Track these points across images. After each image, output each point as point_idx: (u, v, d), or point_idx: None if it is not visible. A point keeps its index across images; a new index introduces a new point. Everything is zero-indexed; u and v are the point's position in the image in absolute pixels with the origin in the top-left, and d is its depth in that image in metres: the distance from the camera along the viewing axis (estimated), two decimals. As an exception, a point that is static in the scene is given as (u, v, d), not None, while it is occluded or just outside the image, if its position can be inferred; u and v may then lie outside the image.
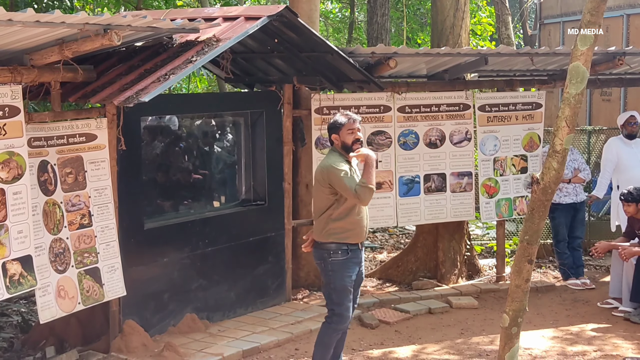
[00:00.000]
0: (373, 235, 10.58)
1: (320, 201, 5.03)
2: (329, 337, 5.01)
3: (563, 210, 8.02)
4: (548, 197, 3.89)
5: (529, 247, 3.98)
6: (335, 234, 4.95)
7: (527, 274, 4.01)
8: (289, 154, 7.09)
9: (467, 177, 7.82)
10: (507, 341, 4.08)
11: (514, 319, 4.07)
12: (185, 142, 7.20)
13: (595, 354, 6.01)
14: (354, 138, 5.01)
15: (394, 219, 7.56)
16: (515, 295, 4.05)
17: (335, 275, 4.96)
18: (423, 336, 6.45)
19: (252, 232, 6.79)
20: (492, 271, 8.58)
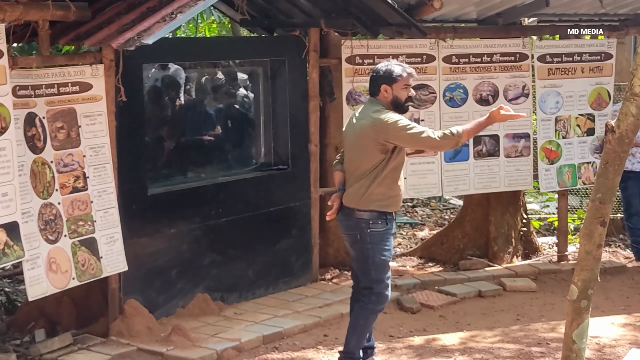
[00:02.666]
0: (412, 210, 10.50)
1: (362, 161, 4.94)
2: (365, 320, 4.96)
3: (636, 178, 7.86)
4: (625, 148, 3.80)
5: (602, 206, 3.87)
6: (378, 200, 4.90)
7: (599, 238, 3.91)
8: (316, 111, 7.00)
9: (524, 140, 7.71)
10: (575, 316, 4.00)
11: (583, 290, 4.00)
12: (195, 97, 7.13)
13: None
14: (408, 95, 4.99)
15: (438, 188, 7.49)
16: (585, 263, 3.97)
17: (374, 248, 4.92)
18: (472, 322, 6.37)
19: (273, 201, 6.74)
20: (553, 250, 8.53)
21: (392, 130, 4.83)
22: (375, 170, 4.88)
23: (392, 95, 4.94)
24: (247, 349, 5.61)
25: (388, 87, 4.94)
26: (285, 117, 6.86)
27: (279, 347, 5.69)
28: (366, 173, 4.90)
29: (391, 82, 4.94)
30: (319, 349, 5.67)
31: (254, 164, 7.00)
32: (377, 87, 4.97)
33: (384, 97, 4.95)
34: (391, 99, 4.94)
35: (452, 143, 4.88)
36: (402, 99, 4.96)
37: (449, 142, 4.86)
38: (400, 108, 4.96)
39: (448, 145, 4.91)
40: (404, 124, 4.84)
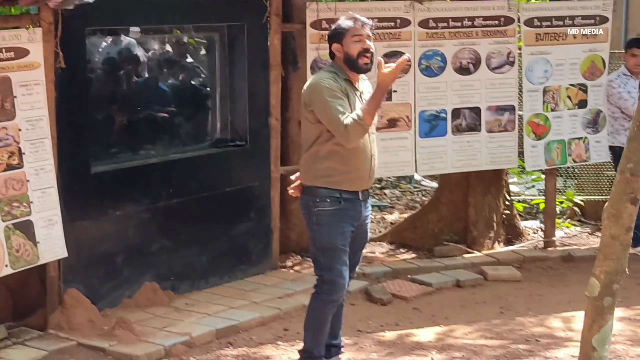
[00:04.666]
0: (380, 192, 10.62)
1: (305, 132, 4.95)
2: (320, 311, 5.00)
3: None
4: None
5: (633, 179, 3.54)
6: (325, 176, 4.85)
7: (628, 219, 3.60)
8: (277, 82, 7.09)
9: (509, 113, 7.83)
10: (596, 317, 3.71)
11: (607, 285, 3.68)
12: (147, 70, 7.21)
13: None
14: (362, 48, 4.79)
15: (411, 167, 7.59)
16: (610, 250, 3.65)
17: (321, 230, 4.89)
18: (450, 316, 6.49)
19: (229, 180, 6.84)
20: (538, 235, 8.67)
21: (315, 97, 4.78)
22: (319, 142, 4.84)
23: (343, 52, 4.82)
24: (198, 345, 5.71)
25: (338, 45, 4.85)
26: (244, 88, 6.91)
27: (234, 343, 5.79)
28: (310, 145, 4.88)
29: (339, 38, 4.83)
30: (278, 345, 5.78)
31: (209, 140, 7.08)
32: (330, 49, 4.93)
33: (338, 58, 4.88)
34: (343, 57, 4.83)
35: (359, 130, 4.68)
36: (354, 53, 4.78)
37: (356, 130, 4.67)
38: (354, 66, 4.82)
39: (355, 133, 4.68)
40: (327, 95, 4.72)
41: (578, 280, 7.33)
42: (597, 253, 3.80)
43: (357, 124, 4.68)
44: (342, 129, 4.69)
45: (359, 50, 4.82)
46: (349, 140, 4.72)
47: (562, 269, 7.72)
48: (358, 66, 4.86)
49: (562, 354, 5.66)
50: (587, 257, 7.86)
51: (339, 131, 4.71)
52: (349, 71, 4.90)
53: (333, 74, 4.87)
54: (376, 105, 4.75)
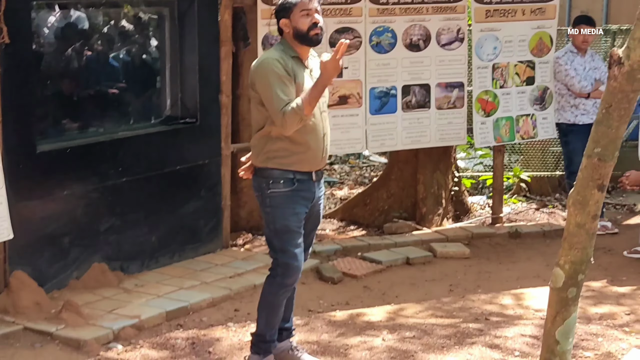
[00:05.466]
0: (330, 167, 10.50)
1: (254, 112, 4.75)
2: (274, 295, 4.80)
3: (580, 132, 7.88)
4: (636, 87, 3.26)
5: (601, 164, 3.31)
6: (277, 157, 4.65)
7: (595, 206, 3.38)
8: (228, 58, 6.90)
9: (458, 90, 7.73)
10: (560, 309, 3.49)
11: (572, 275, 3.46)
12: (96, 45, 6.96)
13: (628, 317, 5.93)
14: (311, 22, 4.60)
15: (362, 144, 7.47)
16: (575, 239, 3.42)
17: (275, 212, 4.69)
18: (400, 294, 6.38)
19: (179, 158, 6.66)
20: (485, 210, 8.60)
21: (259, 76, 4.57)
22: (269, 123, 4.62)
23: (291, 27, 4.62)
24: (147, 327, 5.52)
25: (286, 20, 4.62)
26: (194, 64, 6.73)
27: (184, 325, 5.62)
28: (260, 125, 4.68)
29: (287, 12, 4.60)
30: (229, 327, 5.61)
31: (158, 117, 6.87)
32: (278, 25, 4.69)
33: (287, 34, 4.66)
34: (292, 32, 4.63)
35: (296, 119, 4.46)
36: (304, 28, 4.56)
37: (293, 119, 4.46)
38: (305, 40, 4.60)
39: (292, 122, 4.46)
40: (272, 81, 4.51)
41: (525, 256, 7.35)
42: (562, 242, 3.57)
43: (294, 113, 4.47)
44: (280, 116, 4.49)
45: (308, 25, 4.60)
46: (285, 128, 4.52)
47: (510, 245, 7.69)
48: (309, 39, 4.63)
49: (512, 332, 5.56)
50: (534, 233, 7.92)
51: (277, 118, 4.51)
52: (298, 47, 4.67)
53: (281, 53, 4.64)
54: (317, 94, 4.53)
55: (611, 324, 5.76)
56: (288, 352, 5.00)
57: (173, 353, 5.18)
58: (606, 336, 5.52)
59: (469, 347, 5.28)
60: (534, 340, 5.39)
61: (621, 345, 5.37)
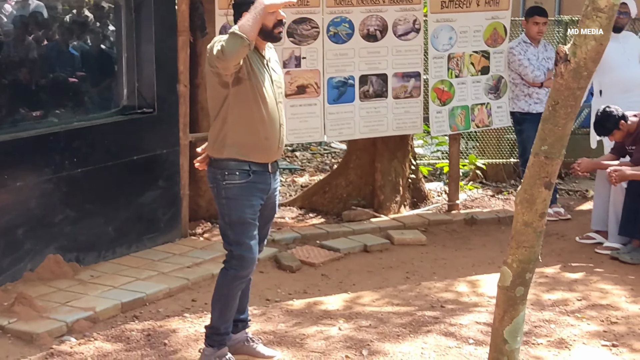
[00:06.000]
0: (292, 154, 10.33)
1: (210, 100, 4.56)
2: (229, 288, 4.62)
3: (533, 121, 7.71)
4: (582, 84, 3.17)
5: (548, 162, 3.22)
6: (233, 146, 4.47)
7: (542, 204, 3.29)
8: (185, 47, 6.71)
9: (414, 79, 7.61)
10: (507, 308, 3.39)
11: (520, 274, 3.35)
12: (52, 34, 6.73)
13: (580, 303, 5.86)
14: (276, 19, 4.44)
15: (320, 133, 7.32)
16: (523, 237, 3.31)
17: (230, 204, 4.51)
18: (358, 282, 6.24)
19: (136, 148, 6.45)
20: (442, 197, 8.50)
21: (209, 52, 4.36)
22: (223, 110, 4.46)
23: None
24: (102, 319, 5.31)
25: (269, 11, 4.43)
26: (151, 54, 6.53)
27: (140, 316, 5.41)
28: (216, 114, 4.50)
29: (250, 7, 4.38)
30: (185, 318, 5.42)
31: (115, 107, 6.65)
32: (239, 16, 4.45)
33: None
34: None
35: (236, 42, 4.15)
36: (270, 25, 4.41)
37: (232, 42, 4.16)
38: (269, 37, 4.46)
39: (233, 46, 4.15)
40: (215, 40, 4.32)
41: (481, 243, 7.28)
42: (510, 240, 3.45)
43: (232, 36, 4.20)
44: (219, 47, 4.22)
45: (274, 22, 4.45)
46: (224, 54, 4.19)
47: (466, 232, 7.59)
48: (273, 36, 4.50)
49: (467, 320, 5.46)
50: (489, 220, 7.86)
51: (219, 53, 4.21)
52: (258, 40, 4.47)
53: None
54: (254, 18, 4.23)
55: (564, 310, 5.69)
56: (244, 344, 4.84)
57: (128, 345, 4.99)
58: (559, 322, 5.45)
59: (424, 336, 5.19)
60: (488, 328, 5.28)
61: (573, 331, 5.30)
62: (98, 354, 4.84)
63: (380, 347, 4.99)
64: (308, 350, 4.93)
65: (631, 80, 7.79)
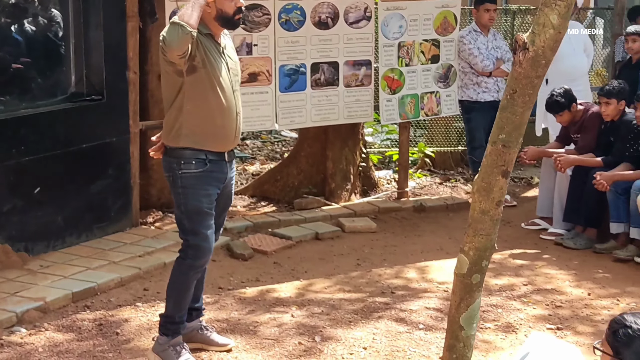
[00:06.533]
0: (242, 142, 10.26)
1: (165, 88, 4.43)
2: (184, 277, 4.50)
3: (482, 109, 7.86)
4: (540, 72, 3.13)
5: (505, 151, 3.17)
6: (189, 135, 4.35)
7: (499, 193, 3.23)
8: (135, 33, 6.53)
9: (365, 68, 7.54)
10: (464, 295, 3.32)
11: (476, 262, 3.30)
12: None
13: (526, 288, 5.88)
14: (236, 6, 4.35)
15: (272, 121, 7.21)
16: (480, 225, 3.26)
17: (187, 193, 4.40)
18: (310, 269, 6.17)
19: (85, 136, 6.27)
20: (392, 185, 8.47)
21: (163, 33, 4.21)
22: (179, 99, 4.33)
23: (216, 9, 4.33)
24: (53, 309, 5.15)
25: (210, 1, 4.32)
26: (99, 40, 6.34)
27: (91, 306, 5.27)
28: (171, 102, 4.38)
29: None
30: (138, 307, 5.29)
31: (63, 94, 6.44)
32: None
33: (207, 14, 4.32)
34: (215, 14, 4.33)
35: (176, 31, 4.04)
36: (230, 11, 4.33)
37: (173, 31, 4.06)
38: (229, 23, 4.40)
39: (173, 36, 4.05)
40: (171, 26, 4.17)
41: (430, 230, 7.28)
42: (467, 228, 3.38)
43: (173, 25, 4.10)
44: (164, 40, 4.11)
45: (234, 9, 4.36)
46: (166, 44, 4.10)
47: (415, 219, 7.56)
48: (233, 22, 4.42)
49: (417, 305, 5.44)
50: (437, 206, 7.86)
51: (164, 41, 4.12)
52: (215, 27, 4.38)
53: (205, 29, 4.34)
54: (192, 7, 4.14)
55: (510, 295, 5.70)
56: (197, 332, 4.75)
57: (79, 335, 4.86)
58: (506, 307, 5.46)
59: (376, 321, 5.16)
60: (437, 313, 5.31)
61: (519, 315, 5.31)
62: (49, 345, 4.70)
63: (332, 333, 4.94)
64: (261, 338, 4.86)
65: (576, 69, 7.85)
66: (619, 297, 5.65)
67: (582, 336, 4.99)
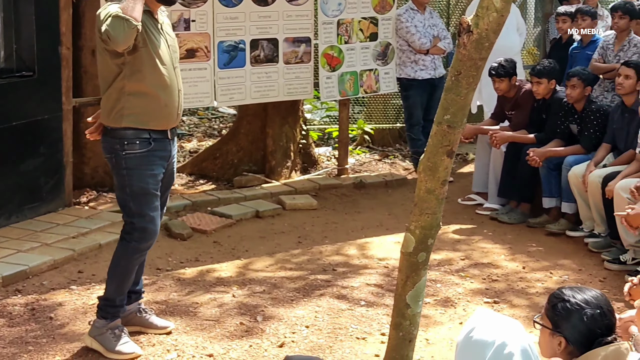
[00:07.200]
0: (179, 119, 9.98)
1: (103, 68, 4.19)
2: (128, 260, 4.29)
3: (419, 87, 7.79)
4: (483, 54, 3.12)
5: (450, 131, 3.15)
6: (132, 115, 4.14)
7: (444, 172, 3.22)
8: (68, 8, 6.26)
9: (305, 45, 7.36)
10: (410, 273, 3.29)
11: (422, 240, 3.28)
12: None
13: (463, 262, 5.81)
14: None
15: (210, 98, 6.98)
16: (425, 204, 3.24)
17: (132, 175, 4.18)
18: (250, 248, 5.98)
19: (15, 113, 5.97)
20: (332, 162, 8.34)
21: (98, 23, 4.01)
22: (120, 79, 4.12)
23: None
24: (-18, 294, 4.88)
25: None
26: (31, 14, 6.03)
27: (23, 290, 5.00)
28: (110, 82, 4.15)
29: None
30: (72, 290, 5.03)
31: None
32: None
33: None
34: None
35: (121, 26, 3.87)
36: None
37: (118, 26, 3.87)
38: (167, 0, 4.23)
39: (119, 31, 3.87)
40: (107, 13, 3.95)
41: (369, 206, 7.19)
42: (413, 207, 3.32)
43: (116, 18, 3.89)
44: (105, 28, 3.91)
45: None
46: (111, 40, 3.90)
47: (355, 195, 7.43)
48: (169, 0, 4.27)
49: (358, 282, 5.32)
50: (377, 183, 7.79)
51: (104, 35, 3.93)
52: (152, 3, 4.16)
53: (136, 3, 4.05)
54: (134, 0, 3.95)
55: (448, 269, 5.64)
56: (136, 315, 4.51)
57: (10, 321, 4.59)
58: (444, 282, 5.40)
59: (317, 299, 5.01)
60: (378, 289, 5.21)
61: (458, 290, 5.25)
62: (-22, 331, 4.43)
63: (274, 312, 4.78)
64: (202, 319, 4.66)
65: (509, 48, 7.78)
66: (552, 270, 5.63)
67: (517, 309, 4.93)
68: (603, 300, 2.83)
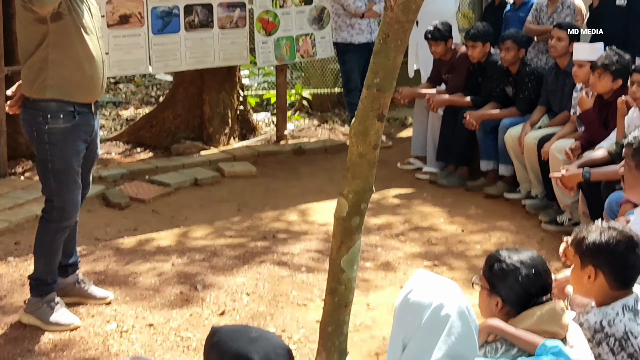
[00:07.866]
0: (115, 86, 9.77)
1: (24, 36, 4.02)
2: (51, 238, 4.16)
3: (356, 51, 7.72)
4: (411, 17, 3.08)
5: (380, 95, 3.11)
6: (56, 86, 3.98)
7: (375, 136, 3.18)
8: None
9: (240, 9, 7.25)
10: (344, 238, 3.26)
11: (355, 204, 3.24)
12: None
13: (403, 226, 5.82)
14: None
15: (145, 65, 6.83)
16: (357, 169, 3.20)
17: (54, 150, 4.02)
18: (189, 216, 5.92)
19: None
20: (270, 128, 8.27)
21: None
22: (43, 48, 3.94)
23: None
24: None
25: None
26: (-44, -21, 5.80)
27: (-42, 264, 4.90)
28: (31, 52, 3.97)
29: None
30: (9, 262, 4.93)
31: None
32: None
33: None
34: None
35: None
36: None
37: None
38: None
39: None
40: None
41: (309, 172, 7.17)
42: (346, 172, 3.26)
43: None
44: None
45: None
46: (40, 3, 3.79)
47: (294, 162, 7.40)
48: None
49: (298, 248, 5.31)
50: (316, 149, 7.77)
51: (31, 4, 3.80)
52: None
53: None
54: None
55: (388, 234, 5.65)
56: (75, 286, 4.42)
57: (-55, 294, 4.47)
58: (384, 246, 5.41)
59: (258, 266, 4.99)
60: (319, 255, 5.20)
61: (398, 254, 5.27)
62: None
63: (214, 280, 4.75)
64: (142, 289, 4.61)
65: (444, 10, 7.76)
66: (490, 232, 5.68)
67: (457, 271, 4.97)
68: (539, 261, 2.85)
